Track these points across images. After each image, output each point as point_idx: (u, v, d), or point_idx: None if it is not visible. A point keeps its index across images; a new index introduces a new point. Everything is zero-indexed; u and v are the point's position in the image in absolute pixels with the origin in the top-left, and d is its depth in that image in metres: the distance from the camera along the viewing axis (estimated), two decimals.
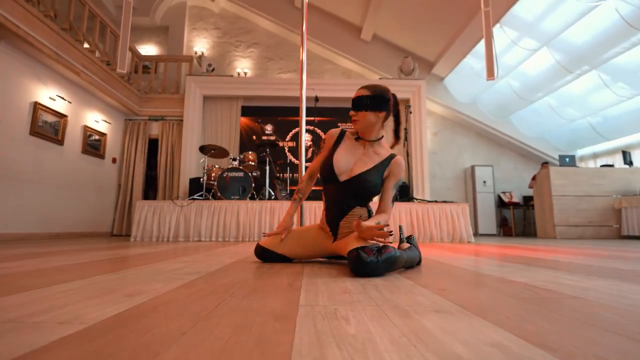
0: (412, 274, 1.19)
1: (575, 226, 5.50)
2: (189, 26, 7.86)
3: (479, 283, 0.96)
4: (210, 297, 0.76)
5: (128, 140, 6.31)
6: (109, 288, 0.86)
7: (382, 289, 0.88)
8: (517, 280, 1.03)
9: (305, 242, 1.55)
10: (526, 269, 1.34)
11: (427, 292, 0.83)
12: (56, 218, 4.74)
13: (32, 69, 4.31)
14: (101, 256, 1.83)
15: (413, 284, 0.94)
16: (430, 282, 0.99)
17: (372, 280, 1.03)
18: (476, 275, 1.13)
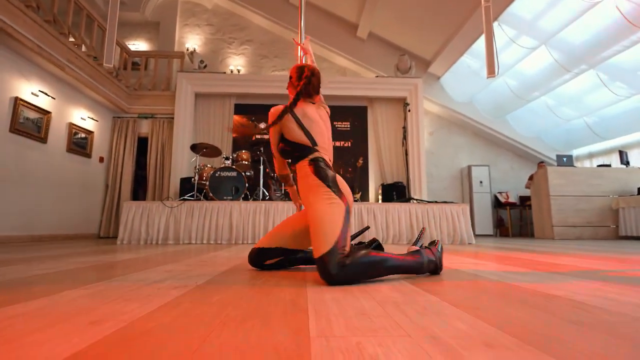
0: (431, 285, 1.05)
1: (573, 226, 5.44)
2: (180, 22, 7.65)
3: (514, 299, 0.83)
4: (195, 325, 0.61)
5: (116, 138, 6.08)
6: (74, 310, 0.71)
7: (405, 308, 0.73)
8: (556, 294, 0.89)
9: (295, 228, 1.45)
10: (551, 277, 1.21)
11: (462, 313, 0.69)
12: (39, 220, 4.51)
13: (13, 63, 4.09)
14: (81, 263, 1.66)
15: (439, 301, 0.80)
16: (458, 297, 0.85)
17: (386, 293, 0.89)
18: (505, 288, 1.00)
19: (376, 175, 6.59)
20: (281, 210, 3.80)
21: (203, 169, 4.72)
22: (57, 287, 0.98)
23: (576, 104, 6.16)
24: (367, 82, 6.67)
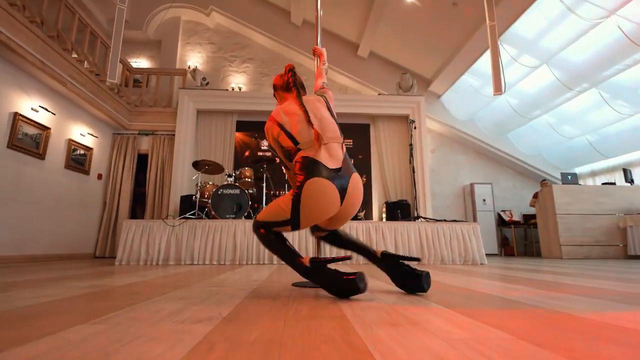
0: (479, 313, 0.94)
1: (581, 245, 5.35)
2: (182, 40, 7.70)
3: (598, 335, 0.72)
4: None
5: (116, 155, 5.97)
6: (91, 353, 0.59)
7: (482, 348, 0.63)
8: (629, 326, 0.79)
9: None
10: (598, 303, 1.11)
11: (560, 357, 0.58)
12: (34, 238, 4.33)
13: (14, 78, 4.02)
14: (85, 288, 1.52)
15: (514, 339, 0.69)
16: (529, 332, 0.74)
17: (440, 326, 0.78)
18: (567, 319, 0.89)
19: (379, 193, 6.51)
20: None
21: (205, 187, 4.61)
22: (66, 320, 0.86)
23: (578, 122, 6.19)
24: (370, 99, 6.68)
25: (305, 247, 3.65)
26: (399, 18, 6.26)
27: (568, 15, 4.56)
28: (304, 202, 1.28)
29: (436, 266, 3.26)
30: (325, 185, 1.28)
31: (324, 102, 1.51)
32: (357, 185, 1.37)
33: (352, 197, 1.34)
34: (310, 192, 1.27)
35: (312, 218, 1.32)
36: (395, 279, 1.42)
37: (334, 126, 1.43)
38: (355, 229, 3.74)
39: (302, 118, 1.39)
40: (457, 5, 5.52)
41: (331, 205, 1.30)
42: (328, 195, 1.28)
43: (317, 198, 1.28)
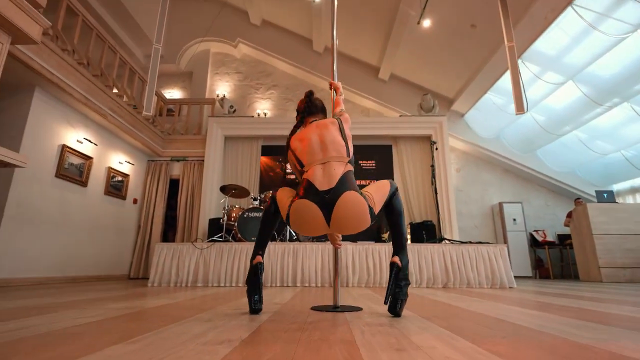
0: (503, 346, 0.96)
1: (622, 268, 5.03)
2: (211, 71, 8.19)
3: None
4: None
5: (150, 180, 6.35)
6: None
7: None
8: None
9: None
10: (629, 334, 1.09)
11: None
12: (75, 261, 4.65)
13: (63, 114, 4.45)
14: (116, 310, 1.66)
15: None
16: None
17: (442, 352, 0.82)
18: (589, 352, 0.90)
19: (404, 214, 6.45)
20: (310, 252, 3.75)
21: (232, 210, 4.79)
22: (106, 340, 0.97)
23: (611, 138, 5.95)
24: (391, 121, 6.76)
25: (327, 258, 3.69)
26: (417, 41, 6.39)
27: (592, 32, 4.50)
28: (292, 218, 1.48)
29: (462, 290, 3.20)
30: (309, 207, 1.42)
31: (337, 124, 1.63)
32: (346, 205, 1.41)
33: (339, 216, 1.40)
34: (295, 210, 1.46)
35: (300, 229, 1.50)
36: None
37: (339, 146, 1.54)
38: (377, 251, 3.75)
39: (310, 142, 1.55)
40: (476, 26, 5.58)
41: (314, 224, 1.44)
42: (311, 216, 1.43)
43: (301, 216, 1.45)
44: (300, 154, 1.57)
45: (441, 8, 5.52)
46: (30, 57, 3.54)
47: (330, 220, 1.42)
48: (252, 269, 1.55)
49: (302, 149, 1.57)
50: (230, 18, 8.06)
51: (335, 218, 1.42)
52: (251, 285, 1.54)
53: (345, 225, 1.44)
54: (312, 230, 1.47)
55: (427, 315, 1.53)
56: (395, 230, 1.57)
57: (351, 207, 1.41)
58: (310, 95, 1.79)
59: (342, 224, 1.43)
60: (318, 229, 1.46)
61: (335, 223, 1.43)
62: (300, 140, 1.60)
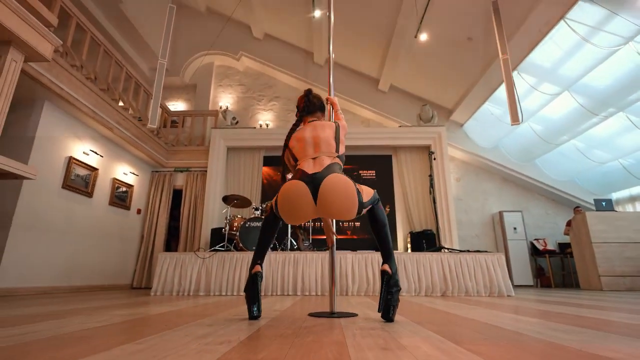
0: (484, 347, 1.03)
1: (622, 276, 5.03)
2: (215, 83, 8.37)
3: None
4: None
5: (153, 191, 6.45)
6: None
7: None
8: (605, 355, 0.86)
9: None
10: (610, 337, 1.15)
11: None
12: (79, 270, 4.72)
13: (70, 126, 4.58)
14: (122, 317, 1.73)
15: None
16: None
17: (426, 351, 0.89)
18: (569, 354, 0.97)
19: (404, 224, 6.51)
20: (310, 261, 3.81)
21: (233, 219, 4.87)
22: (113, 341, 1.05)
23: (609, 147, 6.01)
24: (391, 131, 6.86)
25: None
26: (415, 53, 6.53)
27: (585, 44, 4.61)
28: (280, 201, 1.55)
29: (460, 298, 3.24)
30: (297, 185, 1.51)
31: (333, 128, 1.76)
32: (332, 182, 1.48)
33: (325, 193, 1.47)
34: (283, 191, 1.54)
35: (289, 213, 1.54)
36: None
37: (330, 146, 1.68)
38: (377, 260, 3.80)
39: (306, 141, 1.69)
40: (472, 39, 5.71)
41: (301, 203, 1.50)
42: (298, 194, 1.49)
43: (288, 196, 1.52)
44: (296, 152, 1.70)
45: (438, 22, 5.67)
46: (41, 73, 3.68)
47: (317, 198, 1.47)
48: (251, 278, 1.61)
49: (299, 148, 1.70)
50: (234, 32, 8.27)
51: (322, 195, 1.46)
52: (250, 294, 1.60)
53: (333, 204, 1.47)
54: (298, 210, 1.51)
55: (420, 320, 1.59)
56: (382, 240, 1.63)
57: (338, 186, 1.47)
58: (309, 94, 1.89)
59: (330, 202, 1.46)
60: (305, 210, 1.50)
61: (322, 201, 1.47)
62: (298, 140, 1.72)
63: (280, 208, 1.55)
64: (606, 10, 4.14)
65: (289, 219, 1.57)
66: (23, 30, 2.69)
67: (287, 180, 1.63)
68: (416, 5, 5.40)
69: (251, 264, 1.65)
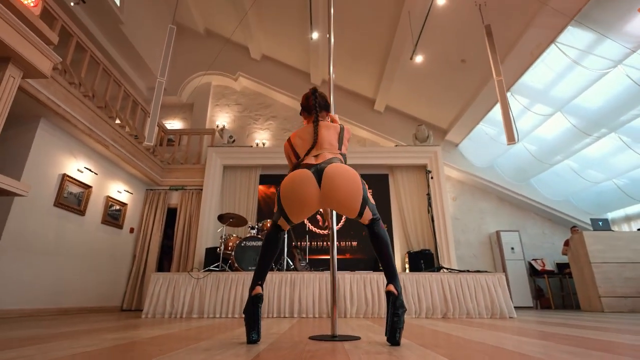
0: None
1: (624, 297, 4.97)
2: (212, 103, 8.43)
3: None
4: None
5: (147, 209, 6.35)
6: None
7: None
8: None
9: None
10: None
11: None
12: (67, 292, 4.55)
13: (65, 144, 4.53)
14: (111, 341, 1.64)
15: None
16: None
17: None
18: None
19: (401, 243, 6.45)
20: (308, 282, 3.71)
21: (229, 239, 4.78)
22: None
23: (602, 167, 6.08)
24: (387, 150, 6.90)
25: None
26: (411, 75, 6.66)
27: (575, 67, 4.74)
28: (283, 190, 1.53)
29: (462, 320, 3.15)
30: (302, 172, 1.51)
31: (338, 131, 1.78)
32: (335, 168, 1.49)
33: (329, 178, 1.46)
34: (287, 181, 1.53)
35: (293, 202, 1.50)
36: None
37: (333, 147, 1.68)
38: (376, 280, 3.72)
39: (307, 142, 1.69)
40: (466, 61, 5.85)
41: (305, 191, 1.47)
42: (303, 182, 1.48)
43: (292, 183, 1.50)
44: (298, 148, 1.70)
45: (432, 44, 5.82)
46: (38, 90, 3.66)
47: (321, 185, 1.46)
48: (251, 300, 1.53)
49: (301, 145, 1.69)
50: (232, 53, 8.41)
51: (326, 180, 1.46)
52: (249, 317, 1.52)
53: (338, 188, 1.46)
54: (303, 198, 1.48)
55: (425, 343, 1.52)
56: (386, 259, 1.57)
57: (342, 170, 1.49)
58: (314, 93, 1.85)
59: (335, 187, 1.46)
60: (310, 198, 1.47)
61: (326, 186, 1.46)
62: (301, 137, 1.72)
63: (284, 198, 1.51)
64: (594, 34, 4.29)
65: (293, 211, 1.52)
66: (23, 47, 2.69)
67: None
68: (411, 28, 5.55)
69: (251, 285, 1.57)
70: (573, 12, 4.09)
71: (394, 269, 1.55)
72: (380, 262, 1.58)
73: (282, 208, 1.54)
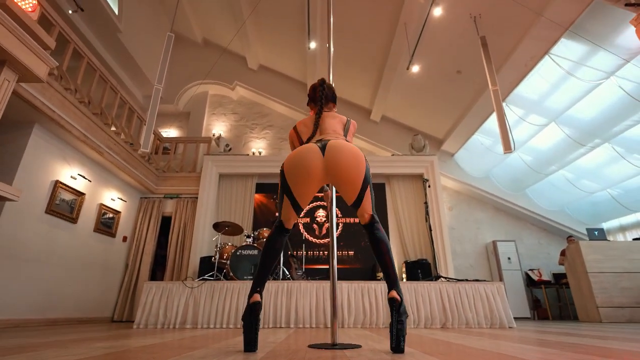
0: None
1: (621, 307, 4.95)
2: (209, 112, 8.42)
3: None
4: None
5: (141, 218, 6.25)
6: None
7: None
8: None
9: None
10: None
11: None
12: (56, 302, 4.42)
13: (59, 150, 4.47)
14: (102, 349, 1.57)
15: None
16: None
17: None
18: None
19: (398, 252, 6.40)
20: (305, 291, 3.65)
21: (224, 248, 4.70)
22: None
23: (596, 177, 6.13)
24: (384, 160, 6.91)
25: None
26: (407, 85, 6.73)
27: (569, 78, 4.82)
28: (287, 164, 1.54)
29: (461, 330, 3.10)
30: (309, 146, 1.54)
31: (344, 122, 1.79)
32: (341, 143, 1.53)
33: (332, 148, 1.50)
34: (292, 155, 1.55)
35: (298, 173, 1.50)
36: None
37: (337, 132, 1.69)
38: (373, 290, 3.66)
39: (311, 129, 1.71)
40: (461, 72, 5.93)
41: (309, 157, 1.50)
42: (307, 149, 1.52)
43: (298, 153, 1.53)
44: (303, 135, 1.72)
45: (428, 55, 5.89)
46: (33, 95, 3.62)
47: (325, 156, 1.49)
48: (248, 309, 1.46)
49: (306, 132, 1.72)
50: (229, 63, 8.45)
51: (329, 151, 1.50)
52: (246, 325, 1.46)
53: (341, 158, 1.48)
54: (308, 169, 1.49)
55: (430, 352, 1.48)
56: (387, 265, 1.51)
57: (346, 145, 1.53)
58: (322, 84, 1.86)
59: (338, 158, 1.48)
60: (314, 169, 1.49)
61: (330, 157, 1.49)
62: (306, 125, 1.75)
63: (289, 171, 1.52)
64: (587, 46, 4.37)
65: (298, 183, 1.51)
66: (19, 50, 2.67)
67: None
68: (407, 39, 5.63)
69: (250, 292, 1.51)
70: (567, 24, 4.17)
71: (395, 275, 1.51)
72: (380, 267, 1.54)
73: (287, 185, 1.53)
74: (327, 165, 1.49)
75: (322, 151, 1.51)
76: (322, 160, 1.50)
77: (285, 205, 1.57)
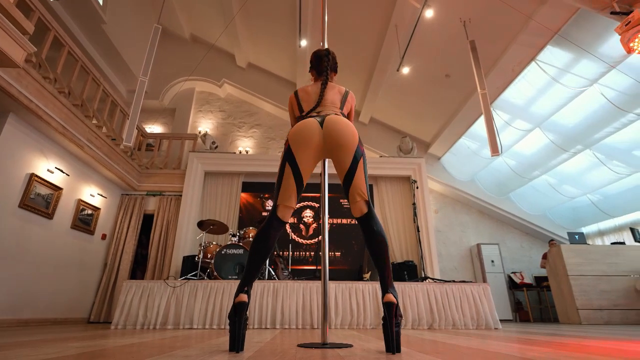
0: None
1: (600, 309, 5.07)
2: (195, 108, 8.25)
3: None
4: None
5: (122, 215, 6.04)
6: None
7: None
8: None
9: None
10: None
11: None
12: (29, 301, 4.20)
13: (36, 142, 4.26)
14: (77, 349, 1.47)
15: None
16: None
17: None
18: None
19: None
20: (291, 291, 3.57)
21: (208, 247, 4.58)
22: None
23: (577, 182, 6.29)
24: (372, 161, 6.90)
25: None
26: (396, 88, 6.76)
27: (554, 84, 4.92)
28: (292, 133, 1.60)
29: (449, 331, 3.09)
30: (309, 120, 1.61)
31: (342, 91, 1.83)
32: (337, 118, 1.61)
33: (330, 121, 1.59)
34: (295, 126, 1.62)
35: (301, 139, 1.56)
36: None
37: (335, 104, 1.75)
38: (361, 290, 3.62)
39: (312, 99, 1.76)
40: (450, 76, 5.99)
41: (312, 131, 1.57)
42: (310, 122, 1.60)
43: (298, 127, 1.60)
44: (303, 102, 1.77)
45: (417, 59, 5.93)
46: (8, 82, 3.44)
47: (324, 128, 1.58)
48: (233, 308, 1.38)
49: (307, 99, 1.76)
50: (217, 60, 8.31)
51: (327, 124, 1.58)
52: (233, 324, 1.37)
53: (336, 130, 1.56)
54: (309, 140, 1.56)
55: (425, 350, 1.44)
56: (384, 262, 1.41)
57: (341, 119, 1.62)
58: (328, 54, 1.91)
59: (334, 129, 1.56)
60: (314, 141, 1.56)
61: (328, 128, 1.57)
62: (307, 92, 1.80)
63: (293, 140, 1.57)
64: (572, 54, 4.48)
65: (301, 147, 1.56)
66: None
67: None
68: (398, 42, 5.65)
69: (237, 290, 1.42)
70: (553, 31, 4.26)
71: (391, 274, 1.44)
72: (377, 267, 1.43)
73: (290, 153, 1.56)
74: (324, 135, 1.57)
75: (320, 125, 1.60)
76: (321, 132, 1.58)
77: (287, 177, 1.55)
